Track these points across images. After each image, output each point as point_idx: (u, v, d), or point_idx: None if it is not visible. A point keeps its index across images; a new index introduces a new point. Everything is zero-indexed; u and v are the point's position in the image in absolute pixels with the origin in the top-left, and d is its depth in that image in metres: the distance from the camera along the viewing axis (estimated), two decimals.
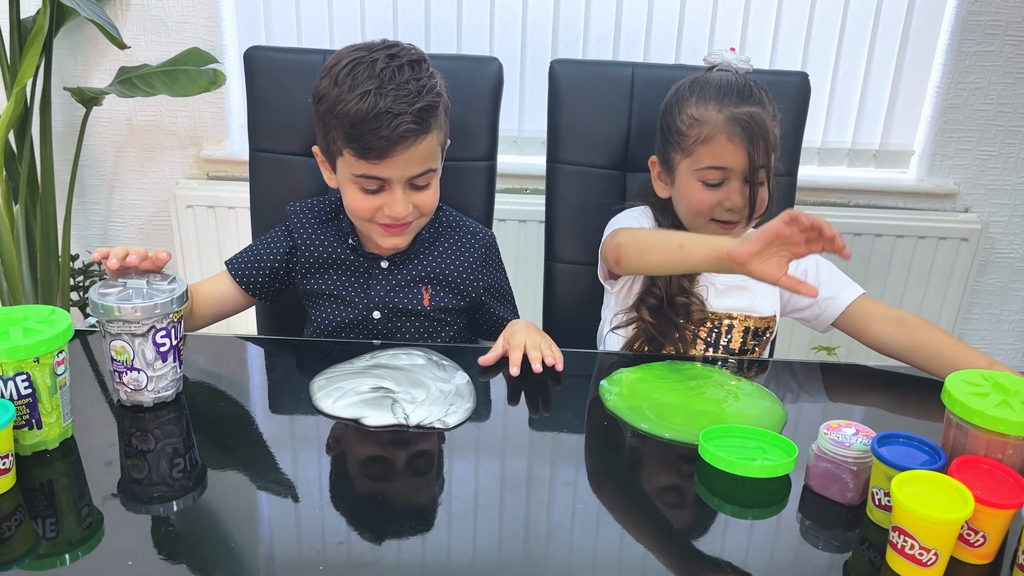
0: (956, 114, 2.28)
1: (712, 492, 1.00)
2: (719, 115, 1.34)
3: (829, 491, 0.98)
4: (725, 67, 1.41)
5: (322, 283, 1.42)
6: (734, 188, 1.36)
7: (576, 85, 1.54)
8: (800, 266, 1.45)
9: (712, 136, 1.34)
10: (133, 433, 1.08)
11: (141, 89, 2.07)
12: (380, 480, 1.01)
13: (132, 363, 1.09)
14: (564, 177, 1.57)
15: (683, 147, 1.38)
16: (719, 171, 1.35)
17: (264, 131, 1.54)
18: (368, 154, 1.26)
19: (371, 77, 1.25)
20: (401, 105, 1.24)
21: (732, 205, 1.36)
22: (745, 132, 1.32)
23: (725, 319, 1.43)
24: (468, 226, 1.47)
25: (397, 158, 1.26)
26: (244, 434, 1.09)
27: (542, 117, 2.33)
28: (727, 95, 1.36)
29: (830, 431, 0.98)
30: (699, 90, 1.38)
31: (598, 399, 1.19)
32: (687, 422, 1.12)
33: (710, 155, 1.35)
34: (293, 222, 1.43)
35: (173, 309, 1.09)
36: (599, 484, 1.01)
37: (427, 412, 1.09)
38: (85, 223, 2.46)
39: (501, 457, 1.06)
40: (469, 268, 1.42)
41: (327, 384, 1.16)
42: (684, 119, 1.38)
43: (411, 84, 1.25)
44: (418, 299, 1.41)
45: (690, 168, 1.38)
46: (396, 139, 1.24)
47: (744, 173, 1.35)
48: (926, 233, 2.30)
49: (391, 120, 1.23)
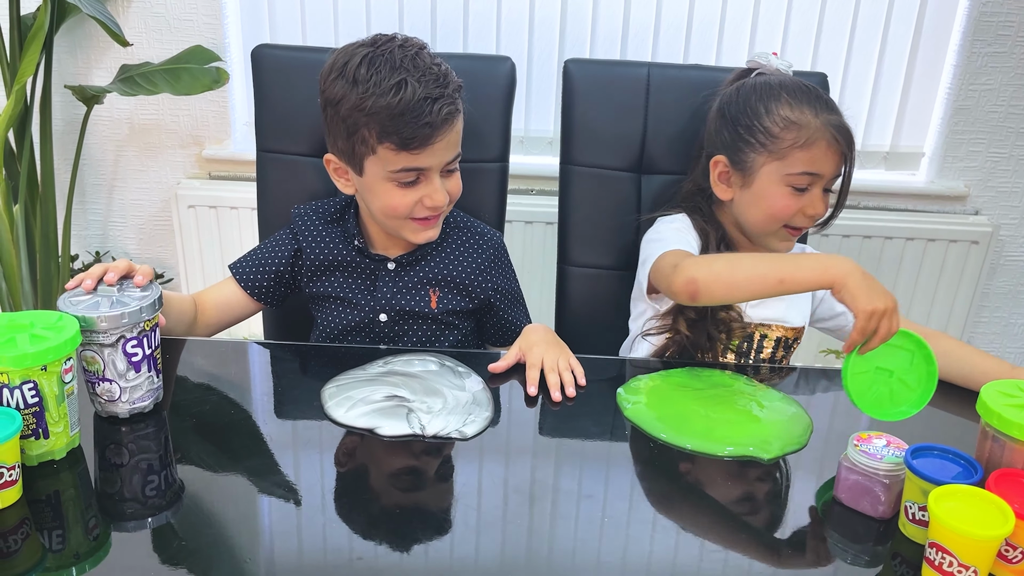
0: (967, 115, 2.26)
1: (737, 504, 0.98)
2: (816, 120, 1.31)
3: (859, 504, 0.95)
4: (769, 71, 1.38)
5: (328, 286, 1.39)
6: (817, 195, 1.34)
7: (590, 85, 1.51)
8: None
9: (814, 141, 1.31)
10: (141, 443, 1.05)
11: (143, 87, 2.04)
12: (396, 492, 0.98)
13: (103, 374, 1.05)
14: (578, 179, 1.54)
15: (772, 149, 1.33)
16: (811, 177, 1.33)
17: (271, 131, 1.51)
18: (411, 144, 1.23)
19: (395, 68, 1.22)
20: (437, 89, 1.22)
21: (815, 212, 1.34)
22: (845, 140, 1.32)
23: (760, 329, 1.41)
24: (476, 227, 1.44)
25: (438, 144, 1.24)
26: (254, 443, 1.06)
27: (549, 116, 2.35)
28: (816, 101, 1.33)
29: (861, 442, 0.96)
30: (785, 93, 1.35)
31: (617, 408, 1.16)
32: (708, 432, 1.09)
33: (807, 160, 1.32)
34: (298, 225, 1.40)
35: (143, 318, 1.05)
36: (622, 497, 0.98)
37: (444, 422, 1.07)
38: (85, 223, 2.43)
39: (521, 468, 1.03)
40: (478, 270, 1.40)
41: (338, 392, 1.13)
42: (777, 120, 1.33)
43: (435, 68, 1.24)
44: (425, 301, 1.38)
45: (779, 171, 1.33)
46: (440, 124, 1.22)
47: (830, 180, 1.34)
48: (936, 236, 2.28)
49: (431, 105, 1.21)
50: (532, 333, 1.30)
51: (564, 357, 1.25)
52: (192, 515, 0.92)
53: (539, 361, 1.22)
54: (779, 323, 1.42)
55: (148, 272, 1.12)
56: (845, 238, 2.27)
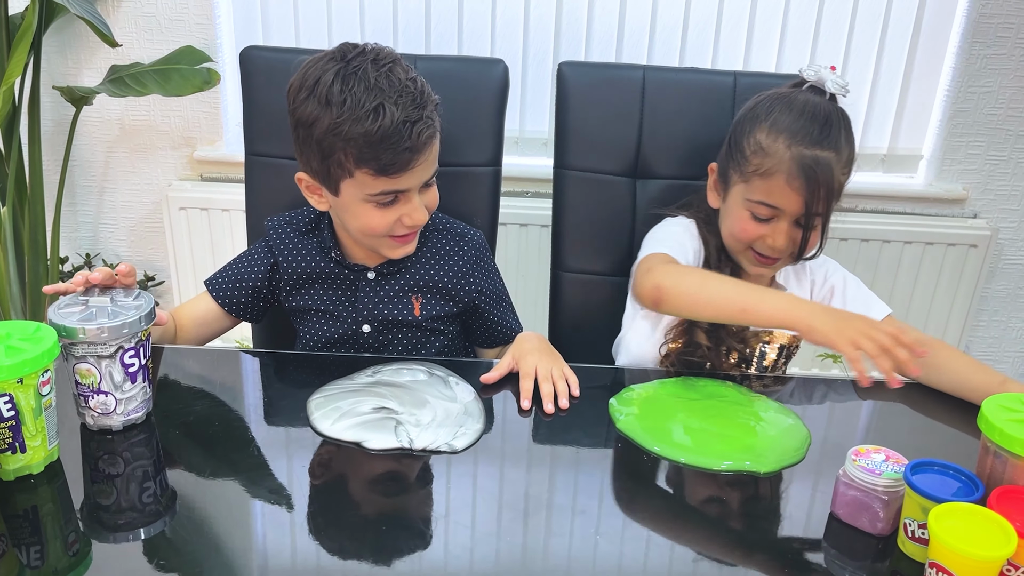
0: (966, 118, 2.24)
1: (733, 520, 0.96)
2: (787, 152, 1.24)
3: (858, 521, 0.93)
4: (818, 84, 1.30)
5: (308, 299, 1.36)
6: (781, 229, 1.28)
7: (585, 88, 1.48)
8: (827, 283, 1.41)
9: (772, 173, 1.25)
10: (121, 456, 1.02)
11: (133, 88, 2.02)
12: (383, 508, 0.95)
13: (99, 386, 1.02)
14: (572, 183, 1.51)
15: (742, 170, 1.30)
16: (770, 209, 1.27)
17: (260, 134, 1.49)
18: (390, 169, 1.18)
19: (370, 89, 1.17)
20: (415, 111, 1.17)
21: (775, 245, 1.28)
22: (807, 180, 1.22)
23: (763, 336, 1.38)
24: (455, 228, 1.40)
25: (417, 167, 1.20)
26: (240, 457, 1.04)
27: (544, 118, 2.32)
28: (804, 130, 1.25)
29: (859, 457, 0.94)
30: (777, 113, 1.28)
31: (611, 419, 1.14)
32: (703, 446, 1.07)
33: (765, 191, 1.27)
34: (272, 238, 1.37)
35: (141, 327, 1.03)
36: (616, 512, 0.96)
37: (433, 436, 1.04)
38: (75, 225, 2.40)
39: (513, 482, 1.01)
40: (460, 272, 1.37)
41: (325, 403, 1.10)
42: (751, 142, 1.28)
43: (410, 86, 1.19)
44: (408, 309, 1.35)
45: (743, 195, 1.30)
46: (419, 147, 1.18)
47: (796, 216, 1.27)
48: (934, 239, 2.26)
49: (410, 129, 1.16)
50: (525, 341, 1.28)
51: (557, 366, 1.22)
52: (175, 531, 0.89)
53: (532, 371, 1.20)
54: (781, 331, 1.38)
55: (130, 270, 1.09)
56: (843, 241, 2.25)
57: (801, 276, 1.42)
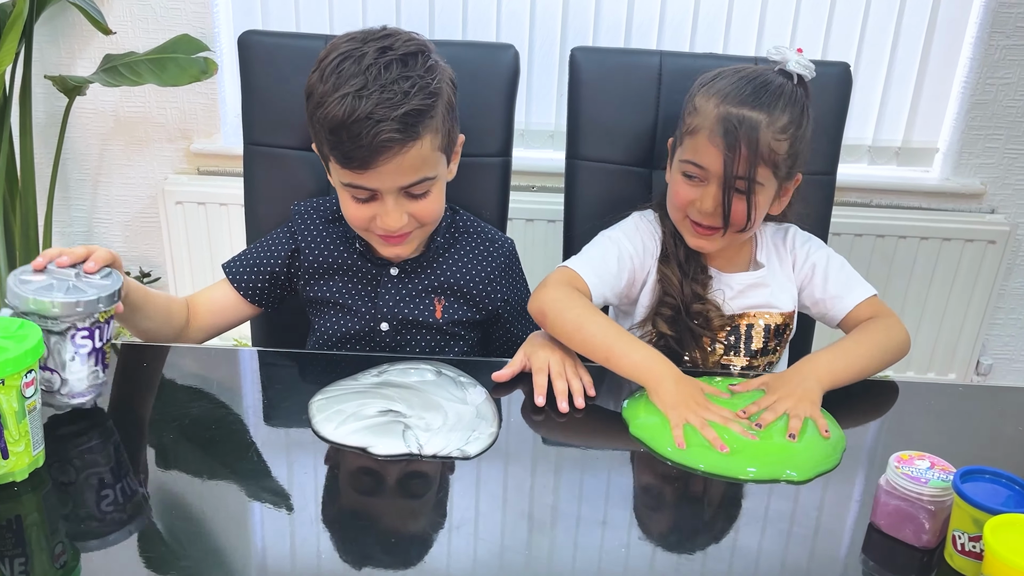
0: (984, 110, 2.18)
1: (762, 533, 0.90)
2: (714, 111, 1.23)
3: (901, 532, 0.87)
4: (782, 65, 1.27)
5: (326, 290, 1.30)
6: (709, 192, 1.25)
7: (598, 75, 1.42)
8: (808, 260, 1.36)
9: (698, 130, 1.24)
10: (112, 462, 0.96)
11: (127, 78, 1.96)
12: (390, 517, 0.89)
13: (44, 361, 0.96)
14: (584, 174, 1.46)
15: (678, 133, 1.29)
16: (697, 168, 1.25)
17: (260, 123, 1.42)
18: (350, 163, 1.13)
19: (355, 75, 1.11)
20: (383, 110, 1.10)
21: (703, 208, 1.25)
22: (726, 137, 1.21)
23: (744, 319, 1.34)
24: (486, 232, 1.35)
25: (382, 168, 1.13)
26: (238, 462, 0.97)
27: (551, 109, 2.26)
28: (735, 92, 1.23)
29: (902, 463, 0.88)
30: (718, 79, 1.27)
31: (624, 421, 1.08)
32: (728, 452, 1.00)
33: (692, 149, 1.25)
34: (297, 223, 1.32)
35: (99, 309, 0.97)
36: (631, 523, 0.90)
37: (444, 441, 0.97)
38: (68, 219, 2.34)
39: (528, 491, 0.95)
40: (487, 279, 1.31)
41: (328, 405, 1.04)
42: (690, 106, 1.28)
43: (398, 84, 1.11)
44: (430, 311, 1.29)
45: (678, 157, 1.29)
46: (377, 148, 1.11)
47: (720, 179, 1.24)
48: (951, 235, 2.21)
49: (371, 127, 1.09)
50: (537, 337, 1.22)
51: (571, 363, 1.16)
52: (168, 541, 0.83)
53: (545, 365, 1.14)
54: (766, 310, 1.34)
55: (103, 258, 1.03)
56: (857, 237, 2.20)
57: (782, 253, 1.38)
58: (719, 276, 1.34)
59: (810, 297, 1.37)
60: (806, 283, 1.37)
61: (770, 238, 1.38)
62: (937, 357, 2.36)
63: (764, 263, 1.36)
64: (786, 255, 1.38)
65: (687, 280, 1.31)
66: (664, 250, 1.34)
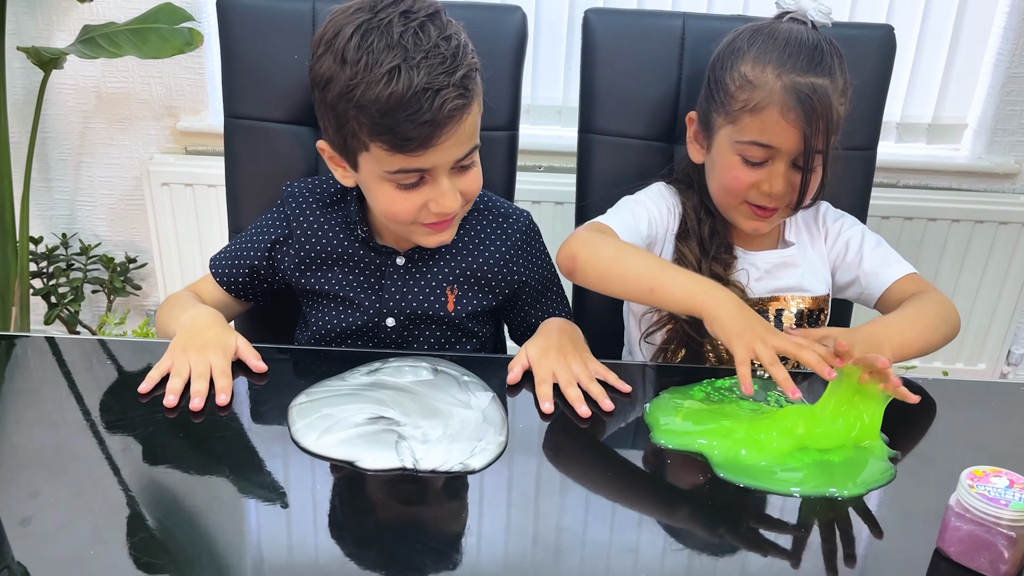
0: (1020, 84, 2.06)
1: (811, 557, 0.78)
2: (777, 82, 1.10)
3: (975, 561, 0.75)
4: (799, 16, 1.16)
5: (324, 282, 1.18)
6: (778, 171, 1.13)
7: (615, 40, 1.30)
8: (841, 236, 1.27)
9: (764, 106, 1.11)
10: (58, 475, 0.84)
11: (105, 49, 1.82)
12: (380, 544, 0.77)
13: None
14: (599, 150, 1.34)
15: (728, 111, 1.15)
16: (764, 149, 1.13)
17: (242, 94, 1.30)
18: (407, 145, 1.00)
19: (391, 47, 0.97)
20: (440, 78, 0.97)
21: (772, 190, 1.14)
22: (804, 109, 1.09)
23: (773, 303, 1.22)
24: (500, 208, 1.23)
25: (444, 143, 1.01)
26: (204, 475, 0.85)
27: (558, 82, 2.13)
28: (792, 57, 1.11)
29: (976, 482, 0.75)
30: (760, 44, 1.14)
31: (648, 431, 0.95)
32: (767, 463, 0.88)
33: (757, 128, 1.12)
34: (290, 205, 1.19)
35: None
36: (664, 550, 0.78)
37: (445, 454, 0.85)
38: (50, 202, 2.22)
39: (540, 511, 0.83)
40: (503, 261, 1.19)
41: (310, 409, 0.91)
42: (735, 77, 1.14)
43: (442, 47, 0.99)
44: (441, 302, 1.18)
45: (731, 138, 1.15)
46: (442, 121, 0.99)
47: (794, 156, 1.12)
48: (984, 217, 2.09)
49: (432, 99, 0.97)
50: (543, 337, 1.10)
51: (583, 366, 1.04)
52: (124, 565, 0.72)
53: (549, 376, 1.02)
54: (796, 293, 1.23)
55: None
56: (884, 219, 2.07)
57: (813, 231, 1.28)
58: (744, 256, 1.23)
59: (845, 276, 1.27)
60: (839, 261, 1.27)
61: (801, 215, 1.27)
62: (966, 346, 2.25)
63: (794, 241, 1.25)
64: (817, 232, 1.28)
65: (707, 260, 1.21)
66: (683, 226, 1.23)
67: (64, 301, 2.13)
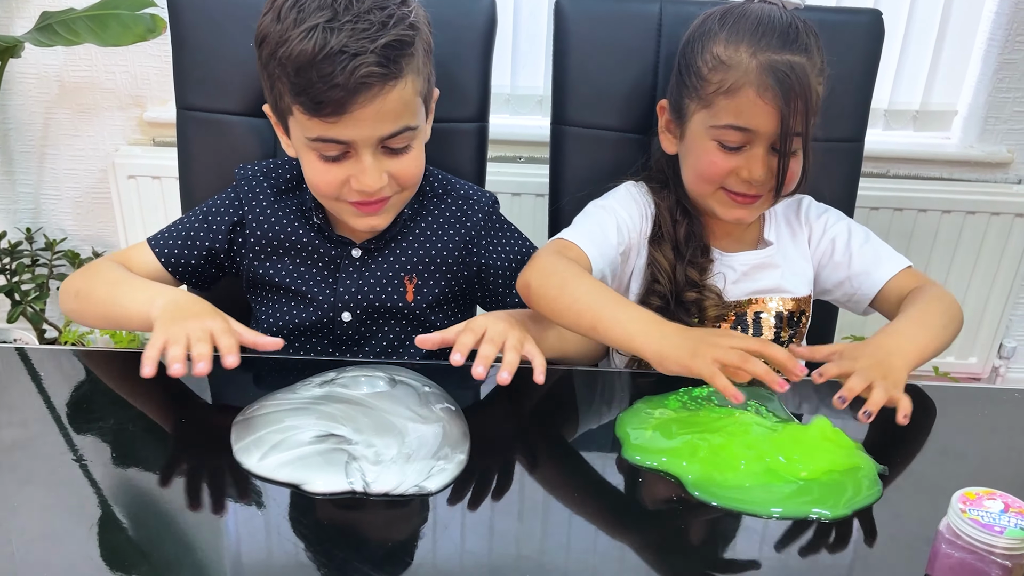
0: (1013, 71, 2.00)
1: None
2: (752, 60, 1.05)
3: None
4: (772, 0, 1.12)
5: (274, 273, 1.13)
6: (757, 156, 1.08)
7: (589, 26, 1.24)
8: (826, 234, 1.21)
9: (740, 87, 1.06)
10: None
11: (63, 37, 1.75)
12: (326, 571, 0.71)
13: None
14: (572, 142, 1.29)
15: (701, 95, 1.10)
16: (741, 132, 1.07)
17: (195, 85, 1.26)
18: (321, 109, 0.97)
19: (322, 8, 0.95)
20: (360, 42, 0.94)
21: (752, 176, 1.08)
22: (781, 87, 1.03)
23: (751, 306, 1.18)
24: (460, 190, 1.18)
25: (359, 112, 0.97)
26: (136, 499, 0.79)
27: (539, 71, 2.06)
28: (766, 36, 1.06)
29: (968, 505, 0.70)
30: (732, 24, 1.09)
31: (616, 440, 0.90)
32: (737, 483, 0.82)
33: (733, 111, 1.07)
34: (243, 188, 1.14)
35: None
36: None
37: (399, 477, 0.79)
38: (13, 195, 2.15)
39: (500, 537, 0.77)
40: (462, 243, 1.15)
41: (254, 427, 0.85)
42: (707, 59, 1.09)
43: (374, 14, 0.96)
44: (400, 293, 1.13)
45: (705, 123, 1.10)
46: (355, 87, 0.95)
47: (772, 139, 1.07)
48: (976, 208, 2.04)
49: (347, 62, 0.94)
50: (506, 312, 1.04)
51: (519, 337, 0.95)
52: None
53: (481, 329, 0.94)
54: (775, 295, 1.18)
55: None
56: (873, 210, 2.02)
57: (795, 228, 1.23)
58: (721, 258, 1.18)
59: (832, 277, 1.21)
60: (826, 260, 1.21)
61: (781, 211, 1.22)
62: (957, 339, 2.18)
63: (773, 240, 1.20)
64: (800, 229, 1.22)
65: (681, 264, 1.15)
66: (656, 228, 1.18)
67: (29, 298, 2.06)
